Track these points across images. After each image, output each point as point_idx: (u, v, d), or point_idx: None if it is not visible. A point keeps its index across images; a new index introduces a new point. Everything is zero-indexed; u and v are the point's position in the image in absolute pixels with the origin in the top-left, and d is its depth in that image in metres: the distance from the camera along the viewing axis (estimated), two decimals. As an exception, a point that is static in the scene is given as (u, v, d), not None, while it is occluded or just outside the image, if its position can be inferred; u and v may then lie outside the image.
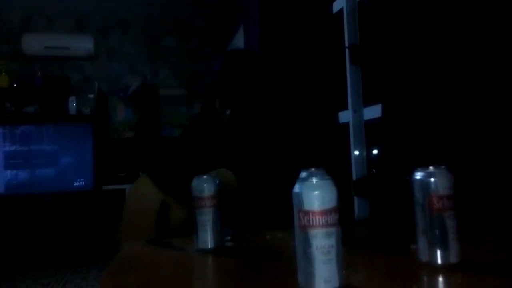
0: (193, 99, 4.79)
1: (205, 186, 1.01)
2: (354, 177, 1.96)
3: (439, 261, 0.74)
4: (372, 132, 1.95)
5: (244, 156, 1.47)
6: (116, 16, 4.68)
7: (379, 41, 1.84)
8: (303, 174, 0.68)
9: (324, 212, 0.64)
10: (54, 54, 4.32)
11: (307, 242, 0.64)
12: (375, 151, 1.94)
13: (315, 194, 0.65)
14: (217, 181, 1.03)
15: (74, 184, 3.98)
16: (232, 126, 1.45)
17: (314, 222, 0.64)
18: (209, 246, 1.00)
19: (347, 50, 2.06)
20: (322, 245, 0.64)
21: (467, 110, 1.27)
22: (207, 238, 1.00)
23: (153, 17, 4.75)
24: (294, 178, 0.69)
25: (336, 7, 2.22)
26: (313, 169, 0.68)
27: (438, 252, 0.74)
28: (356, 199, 1.94)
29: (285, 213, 0.73)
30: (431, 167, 0.76)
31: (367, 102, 1.98)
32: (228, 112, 1.43)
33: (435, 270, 0.74)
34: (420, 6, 1.48)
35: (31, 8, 4.45)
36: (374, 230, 1.28)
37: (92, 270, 3.57)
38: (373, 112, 1.89)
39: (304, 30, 2.37)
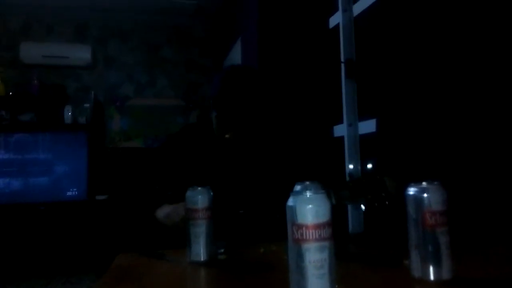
0: (190, 109, 4.80)
1: (199, 198, 1.01)
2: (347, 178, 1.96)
3: (432, 277, 0.74)
4: (367, 146, 1.96)
5: (243, 172, 1.47)
6: (115, 25, 4.70)
7: (375, 56, 1.86)
8: (297, 188, 0.68)
9: (318, 226, 0.64)
10: (52, 63, 4.32)
11: (300, 256, 0.64)
12: (369, 165, 1.94)
13: (308, 208, 0.65)
14: (211, 193, 1.03)
15: (67, 194, 3.95)
16: (233, 147, 1.43)
17: (307, 236, 0.64)
18: (202, 259, 0.99)
19: (343, 65, 2.08)
20: (315, 259, 0.64)
21: (461, 126, 1.29)
22: (200, 251, 0.99)
23: (151, 27, 4.78)
24: (288, 192, 0.69)
25: (332, 22, 2.25)
26: (307, 183, 0.68)
27: (431, 268, 0.74)
28: (350, 213, 1.94)
29: (280, 226, 0.72)
30: (424, 183, 0.77)
31: (362, 117, 1.99)
32: (228, 135, 1.40)
33: (428, 286, 0.74)
34: (415, 22, 1.50)
35: (30, 16, 4.46)
36: (368, 245, 1.28)
37: (84, 280, 3.53)
38: (368, 126, 1.90)
39: (300, 44, 2.39)
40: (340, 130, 2.11)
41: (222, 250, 1.07)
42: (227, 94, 1.36)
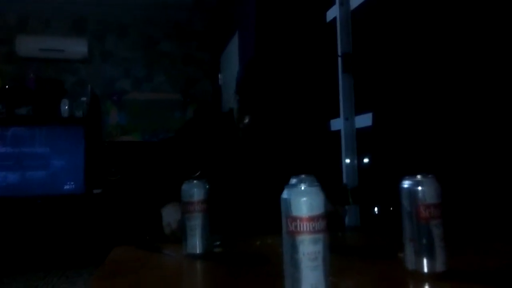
0: (188, 104, 4.79)
1: (194, 191, 1.01)
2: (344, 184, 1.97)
3: (426, 270, 0.75)
4: (363, 140, 1.96)
5: (247, 166, 1.47)
6: (112, 19, 4.68)
7: (372, 50, 1.86)
8: (292, 181, 0.68)
9: (312, 219, 0.65)
10: (48, 56, 4.30)
11: (294, 248, 0.65)
12: (366, 159, 1.95)
13: (303, 200, 0.65)
14: (207, 186, 1.03)
15: (64, 187, 3.95)
16: (250, 133, 1.45)
17: (302, 228, 0.65)
18: (198, 252, 0.99)
19: (339, 59, 2.08)
20: (309, 251, 0.64)
21: (456, 120, 1.29)
22: (196, 243, 1.00)
23: (149, 21, 4.76)
24: (284, 185, 0.69)
25: (330, 16, 2.24)
26: (302, 176, 0.68)
27: (425, 261, 0.75)
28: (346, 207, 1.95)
29: (277, 219, 0.73)
30: (418, 176, 0.77)
31: (359, 110, 2.00)
32: (247, 119, 1.43)
33: (421, 278, 0.75)
34: (412, 16, 1.50)
35: (27, 9, 4.43)
36: (363, 237, 1.28)
37: (81, 274, 3.53)
38: (364, 120, 1.91)
39: (298, 38, 2.38)
40: (337, 124, 2.12)
41: (218, 243, 1.08)
42: (248, 79, 1.45)
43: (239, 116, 1.44)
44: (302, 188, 0.66)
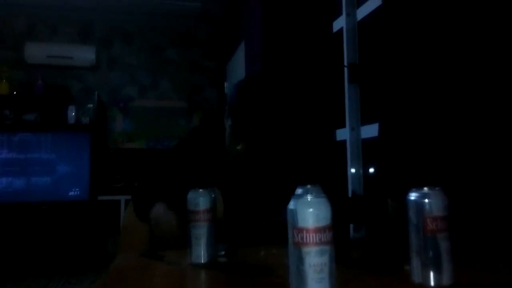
0: (193, 111, 4.81)
1: (200, 200, 1.00)
2: (350, 195, 1.96)
3: (432, 283, 0.74)
4: (369, 151, 1.96)
5: (251, 177, 1.46)
6: (119, 27, 4.72)
7: (378, 61, 1.86)
8: (299, 191, 0.68)
9: (318, 230, 0.64)
10: (56, 63, 4.35)
11: (300, 260, 0.64)
12: (371, 170, 1.94)
13: (309, 212, 0.65)
14: (213, 195, 1.03)
15: (69, 194, 3.96)
16: (242, 160, 1.41)
17: (308, 240, 0.64)
18: (202, 261, 0.99)
19: (346, 69, 2.08)
20: (315, 263, 0.64)
21: (463, 132, 1.28)
22: (200, 253, 0.99)
23: (155, 29, 4.80)
24: (290, 195, 0.69)
25: (336, 26, 2.25)
26: (308, 186, 0.68)
27: (431, 274, 0.74)
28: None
29: (281, 230, 0.72)
30: (425, 188, 0.76)
31: (365, 121, 2.00)
32: (240, 146, 1.34)
33: (428, 291, 0.74)
34: (419, 26, 1.50)
35: (35, 16, 4.49)
36: (369, 250, 1.27)
37: (84, 281, 3.53)
38: (370, 130, 1.90)
39: (304, 48, 2.39)
40: (342, 134, 2.12)
41: (223, 253, 1.07)
42: (244, 104, 1.33)
43: (232, 142, 1.37)
44: (309, 198, 0.66)
